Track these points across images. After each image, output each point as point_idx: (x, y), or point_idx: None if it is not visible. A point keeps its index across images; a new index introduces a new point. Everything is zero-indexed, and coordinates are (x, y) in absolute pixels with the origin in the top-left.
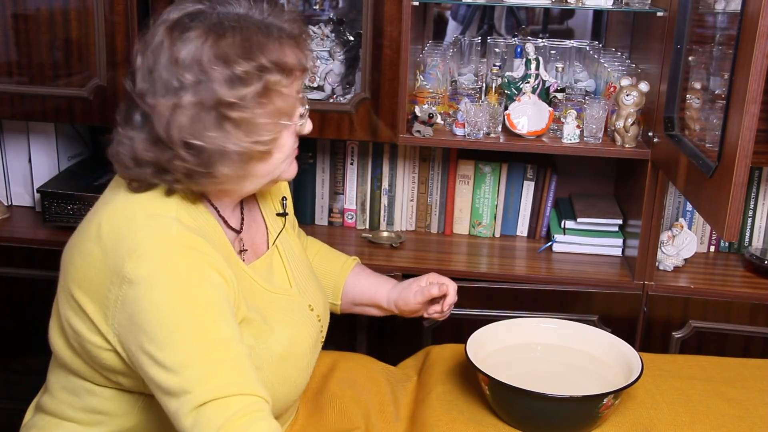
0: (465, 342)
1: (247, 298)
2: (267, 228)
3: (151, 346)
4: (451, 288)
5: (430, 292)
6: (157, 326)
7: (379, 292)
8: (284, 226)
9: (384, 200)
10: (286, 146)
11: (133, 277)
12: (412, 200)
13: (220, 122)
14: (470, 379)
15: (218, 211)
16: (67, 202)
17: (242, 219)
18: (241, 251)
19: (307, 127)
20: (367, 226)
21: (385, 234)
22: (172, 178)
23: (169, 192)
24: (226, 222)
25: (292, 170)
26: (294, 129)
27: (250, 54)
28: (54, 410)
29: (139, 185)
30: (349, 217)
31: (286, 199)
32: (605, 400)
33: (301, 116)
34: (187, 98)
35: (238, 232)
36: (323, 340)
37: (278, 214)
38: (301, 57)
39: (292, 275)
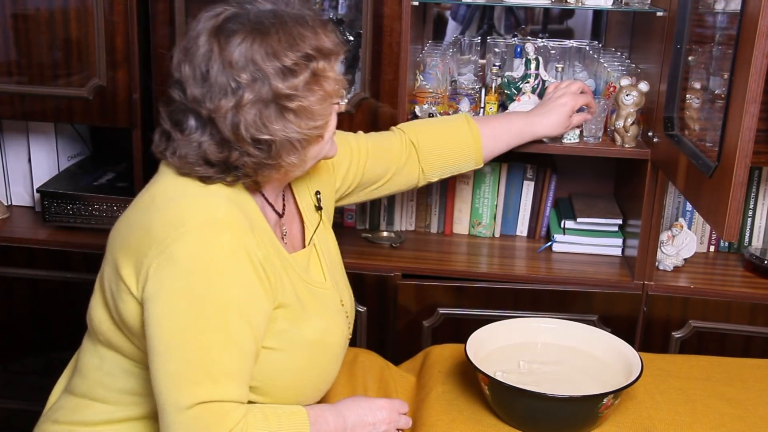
0: (465, 342)
1: (290, 282)
2: (303, 221)
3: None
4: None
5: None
6: (177, 315)
7: (524, 136)
8: (320, 220)
9: (384, 200)
10: (332, 125)
11: (175, 255)
12: (411, 200)
13: (281, 113)
14: (470, 379)
15: (265, 198)
16: (66, 202)
17: (284, 206)
18: (283, 237)
19: (344, 103)
20: (367, 226)
21: (385, 234)
22: (241, 173)
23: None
24: (271, 206)
25: (334, 148)
26: (337, 108)
27: (295, 45)
28: (85, 392)
29: (199, 178)
30: (349, 217)
31: (320, 193)
32: (605, 400)
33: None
34: (247, 96)
35: (281, 215)
36: (350, 336)
37: (317, 209)
38: (335, 39)
39: (327, 270)
